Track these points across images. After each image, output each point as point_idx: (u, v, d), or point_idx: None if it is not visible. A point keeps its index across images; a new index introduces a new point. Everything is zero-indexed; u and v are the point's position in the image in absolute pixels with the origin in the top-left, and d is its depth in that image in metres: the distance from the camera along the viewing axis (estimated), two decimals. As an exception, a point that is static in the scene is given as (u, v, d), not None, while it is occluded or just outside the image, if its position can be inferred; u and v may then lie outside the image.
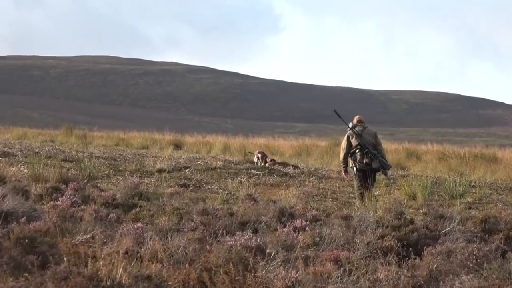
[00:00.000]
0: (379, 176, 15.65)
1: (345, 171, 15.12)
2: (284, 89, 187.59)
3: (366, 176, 14.72)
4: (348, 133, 14.98)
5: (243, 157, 25.60)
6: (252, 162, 23.45)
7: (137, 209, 11.70)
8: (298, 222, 10.64)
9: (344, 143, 15.01)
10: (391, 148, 33.11)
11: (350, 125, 14.96)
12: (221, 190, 16.25)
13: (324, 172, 21.84)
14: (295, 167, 22.49)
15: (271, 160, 23.19)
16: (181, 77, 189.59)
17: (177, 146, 33.87)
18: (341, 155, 15.09)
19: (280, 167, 22.12)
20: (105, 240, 8.96)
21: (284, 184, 18.38)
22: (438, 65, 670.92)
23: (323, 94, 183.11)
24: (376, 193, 15.16)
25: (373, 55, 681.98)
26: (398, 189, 17.43)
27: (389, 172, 15.56)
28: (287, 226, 10.52)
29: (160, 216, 10.93)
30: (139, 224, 9.73)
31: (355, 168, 14.82)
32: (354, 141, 14.84)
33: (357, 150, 14.75)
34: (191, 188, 16.76)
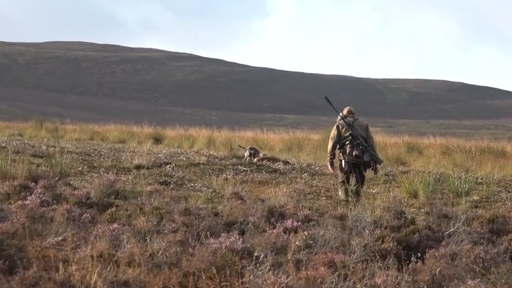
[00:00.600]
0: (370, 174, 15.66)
1: (331, 164, 14.99)
2: (273, 77, 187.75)
3: (354, 171, 14.65)
4: (338, 123, 14.89)
5: (229, 151, 25.60)
6: (239, 157, 23.43)
7: (113, 209, 11.67)
8: (289, 223, 10.64)
9: (333, 133, 14.91)
10: (390, 141, 33.19)
11: (341, 114, 14.92)
12: (205, 188, 16.27)
13: (317, 168, 21.86)
14: (286, 162, 22.48)
15: (263, 155, 23.20)
16: (161, 64, 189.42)
17: (157, 140, 33.91)
18: (330, 145, 14.93)
19: (269, 162, 22.09)
20: (78, 243, 8.94)
21: (274, 181, 18.38)
22: (439, 51, 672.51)
23: (316, 83, 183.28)
24: (373, 191, 15.18)
25: (370, 40, 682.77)
26: (398, 187, 17.46)
27: (379, 169, 15.56)
28: (277, 227, 10.52)
29: (138, 216, 10.92)
30: (115, 225, 9.72)
31: (343, 161, 14.76)
32: (344, 132, 14.78)
33: (347, 142, 14.69)
34: (172, 185, 16.75)
